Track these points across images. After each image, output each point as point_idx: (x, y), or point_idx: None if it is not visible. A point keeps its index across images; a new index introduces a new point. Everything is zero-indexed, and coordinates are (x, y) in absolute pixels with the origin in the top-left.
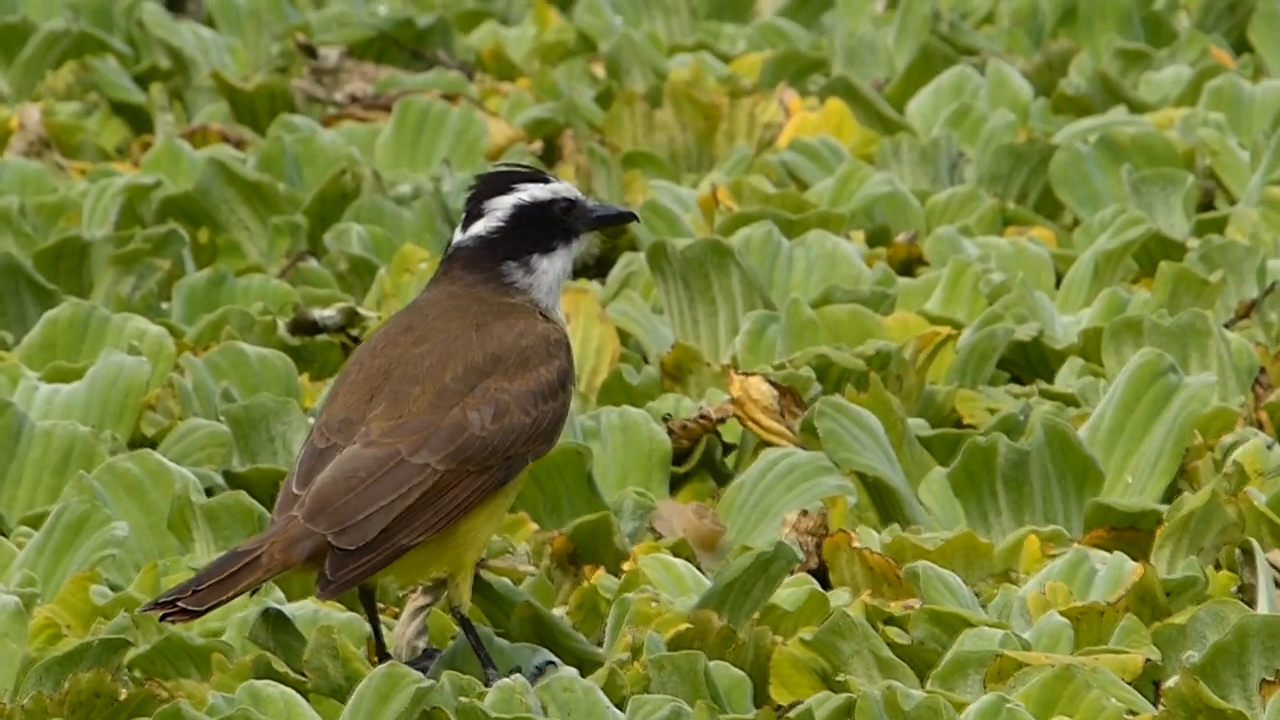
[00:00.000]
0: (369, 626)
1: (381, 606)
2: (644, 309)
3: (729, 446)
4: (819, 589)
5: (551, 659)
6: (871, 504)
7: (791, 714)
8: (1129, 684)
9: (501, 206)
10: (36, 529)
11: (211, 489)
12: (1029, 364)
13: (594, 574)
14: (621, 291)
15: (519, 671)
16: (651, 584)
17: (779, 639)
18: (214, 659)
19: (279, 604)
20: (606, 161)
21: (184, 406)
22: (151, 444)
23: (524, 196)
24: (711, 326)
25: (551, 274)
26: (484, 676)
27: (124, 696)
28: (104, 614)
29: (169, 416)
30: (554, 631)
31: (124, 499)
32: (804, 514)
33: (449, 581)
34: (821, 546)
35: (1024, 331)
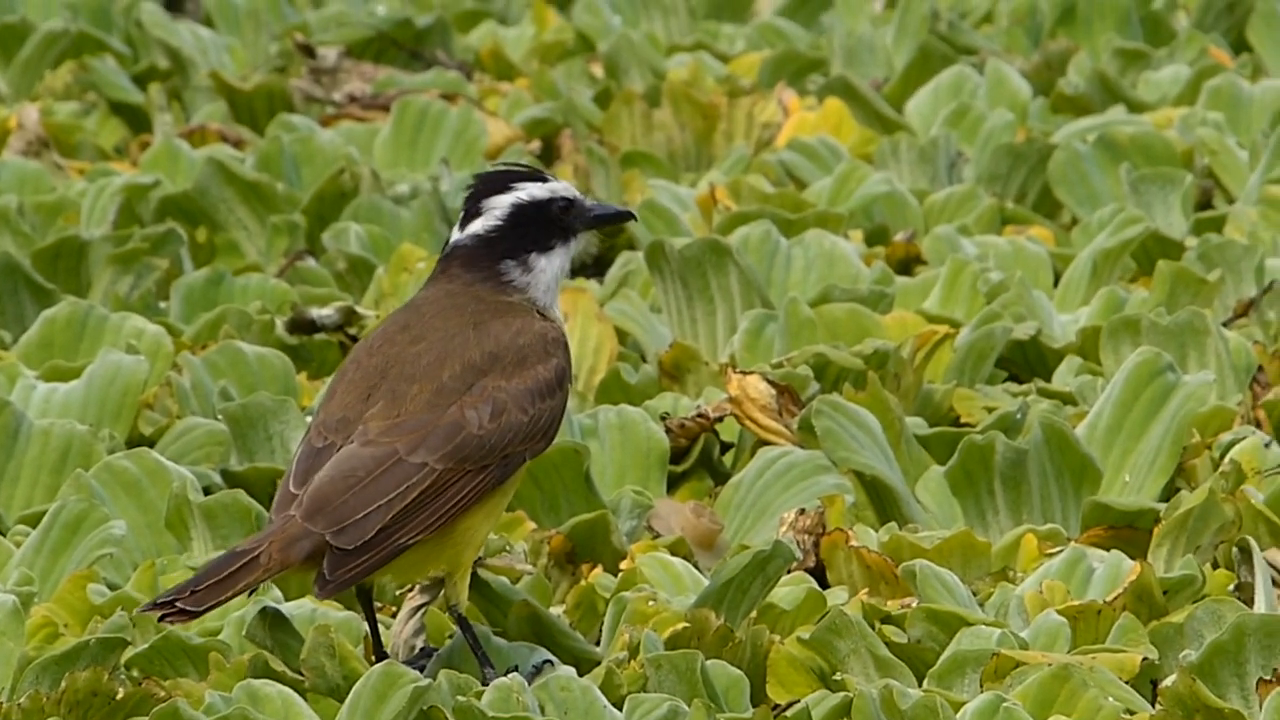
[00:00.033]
0: (366, 625)
1: (379, 605)
2: (642, 308)
3: (727, 445)
4: (816, 588)
5: (549, 658)
6: (869, 503)
7: (789, 713)
8: (1126, 683)
9: (500, 205)
10: (34, 527)
11: (209, 488)
12: (1027, 363)
13: (591, 573)
14: (619, 290)
15: (516, 670)
16: (649, 583)
17: (776, 638)
18: (211, 658)
19: (276, 603)
20: (605, 161)
21: (182, 405)
22: (149, 443)
23: (522, 195)
24: (709, 325)
25: (549, 273)
26: (481, 675)
27: (121, 695)
28: (101, 613)
29: (167, 415)
30: (551, 630)
31: (122, 498)
32: (801, 513)
33: (446, 580)
34: (819, 545)
35: (1022, 330)
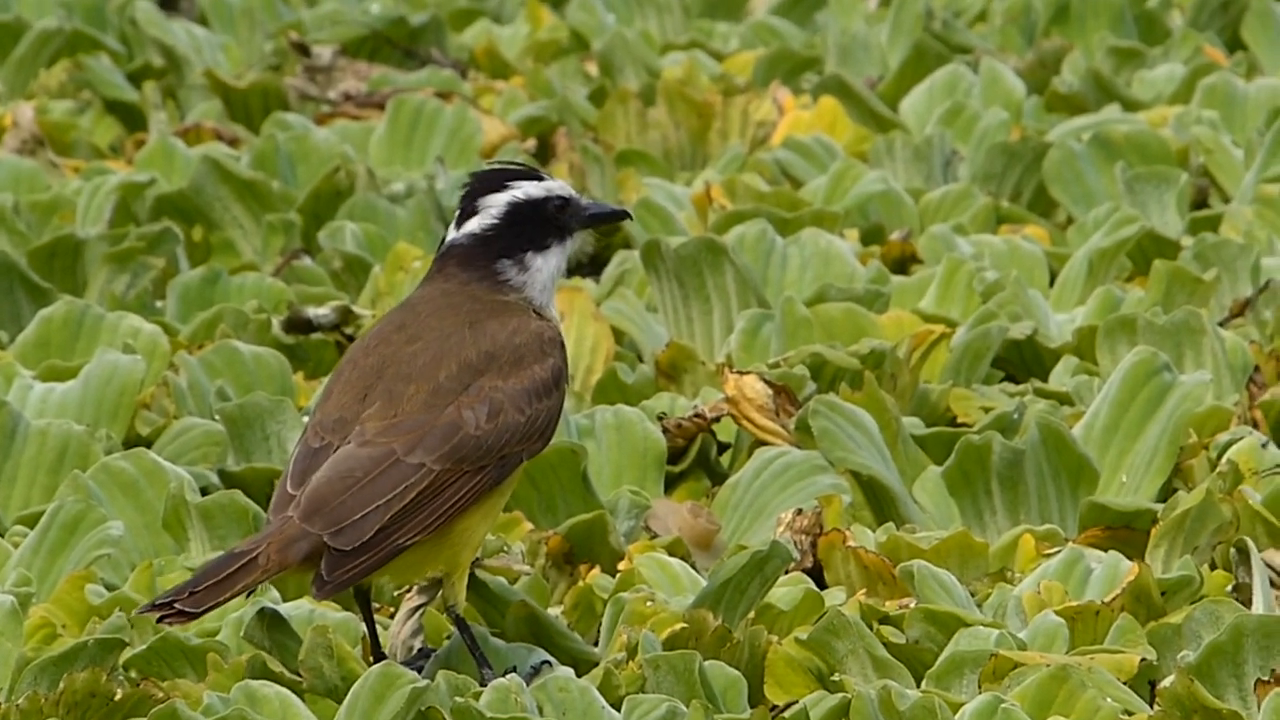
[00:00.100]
0: (364, 626)
1: (377, 606)
2: (638, 307)
3: (724, 445)
4: (814, 588)
5: (547, 658)
6: (866, 503)
7: (787, 714)
8: (1124, 683)
9: (495, 204)
10: (32, 528)
11: (206, 488)
12: (1023, 362)
13: (589, 573)
14: (616, 290)
15: (514, 671)
16: (647, 583)
17: (774, 638)
18: (209, 659)
19: (274, 604)
20: (600, 159)
21: (179, 405)
22: (146, 443)
23: (518, 194)
24: (706, 325)
25: (546, 272)
26: (479, 676)
27: (119, 696)
28: (99, 613)
29: (164, 415)
30: (549, 631)
31: (119, 498)
32: (799, 513)
33: (444, 581)
34: (816, 545)
35: (1018, 330)
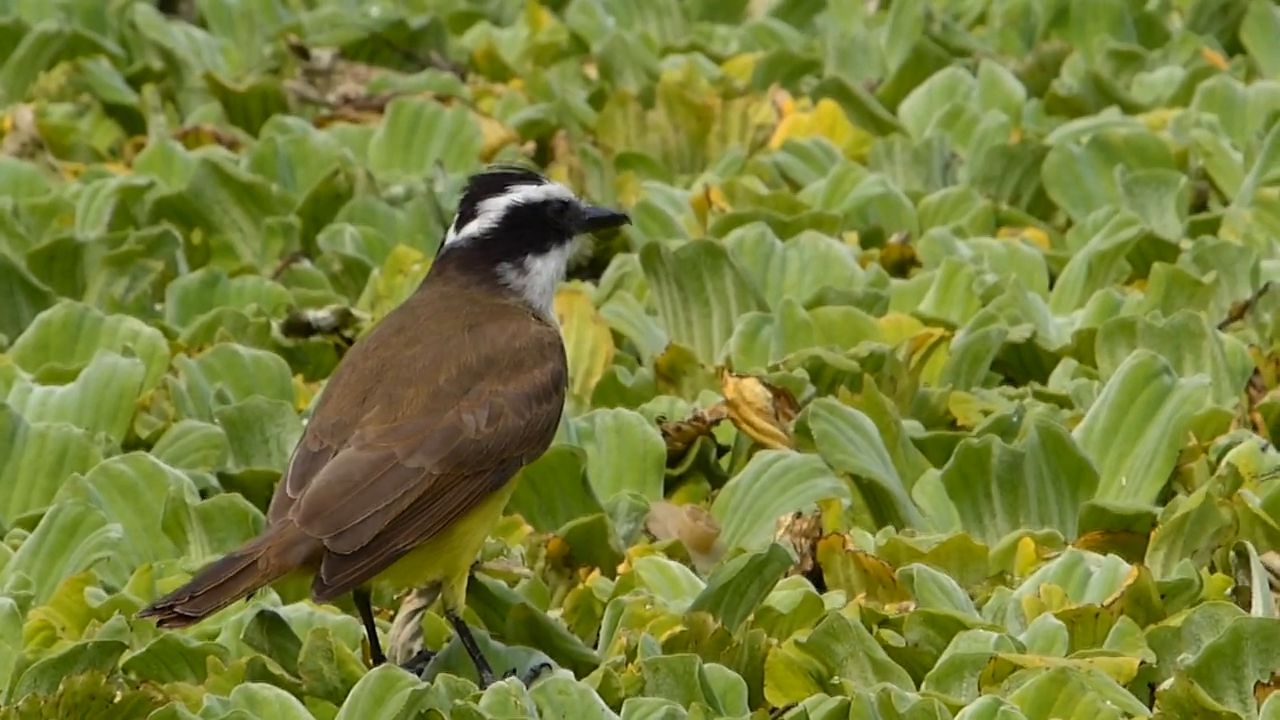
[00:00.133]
0: (364, 629)
1: (377, 609)
2: (638, 310)
3: (723, 448)
4: (813, 591)
5: (547, 661)
6: (866, 506)
7: (786, 716)
8: (1124, 686)
9: (495, 207)
10: (31, 531)
11: (206, 491)
12: (1022, 365)
13: (589, 576)
14: (615, 293)
15: (514, 674)
16: (646, 586)
17: (774, 641)
18: (209, 661)
19: (274, 606)
20: (599, 163)
21: (178, 408)
22: (146, 446)
23: (517, 197)
24: (705, 328)
25: (545, 275)
26: (479, 679)
27: (119, 699)
28: (99, 616)
29: (163, 418)
30: (549, 634)
31: (118, 501)
32: (798, 516)
33: (444, 584)
34: (816, 549)
35: (1017, 333)
